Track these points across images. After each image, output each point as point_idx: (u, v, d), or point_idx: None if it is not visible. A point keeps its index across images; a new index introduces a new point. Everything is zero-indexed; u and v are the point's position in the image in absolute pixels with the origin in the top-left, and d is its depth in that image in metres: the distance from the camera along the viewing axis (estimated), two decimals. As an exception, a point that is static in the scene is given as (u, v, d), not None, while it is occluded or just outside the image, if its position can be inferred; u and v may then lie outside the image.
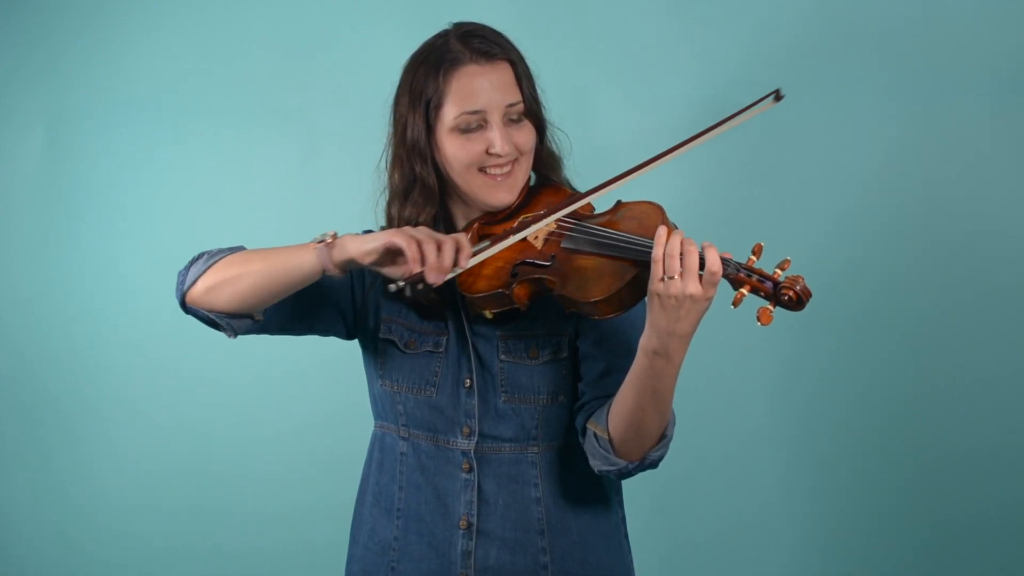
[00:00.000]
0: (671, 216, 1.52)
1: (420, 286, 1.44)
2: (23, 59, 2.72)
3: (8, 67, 2.73)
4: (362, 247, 1.46)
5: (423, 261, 1.43)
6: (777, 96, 1.67)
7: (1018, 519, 2.31)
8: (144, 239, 2.70)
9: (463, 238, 1.47)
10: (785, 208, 2.37)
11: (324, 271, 1.50)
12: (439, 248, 1.44)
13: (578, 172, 1.73)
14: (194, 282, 1.56)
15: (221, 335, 1.62)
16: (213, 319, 1.57)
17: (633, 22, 2.44)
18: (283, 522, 2.68)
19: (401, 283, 1.44)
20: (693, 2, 2.41)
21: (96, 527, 2.76)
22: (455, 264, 1.45)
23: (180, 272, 1.60)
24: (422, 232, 1.46)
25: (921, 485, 2.35)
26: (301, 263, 1.50)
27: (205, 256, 1.59)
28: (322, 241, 1.50)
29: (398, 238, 1.44)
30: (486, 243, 1.53)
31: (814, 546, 2.43)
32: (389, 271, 1.48)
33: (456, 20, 1.66)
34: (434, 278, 1.43)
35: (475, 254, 1.49)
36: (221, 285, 1.54)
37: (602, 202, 1.64)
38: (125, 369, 2.72)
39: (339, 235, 1.50)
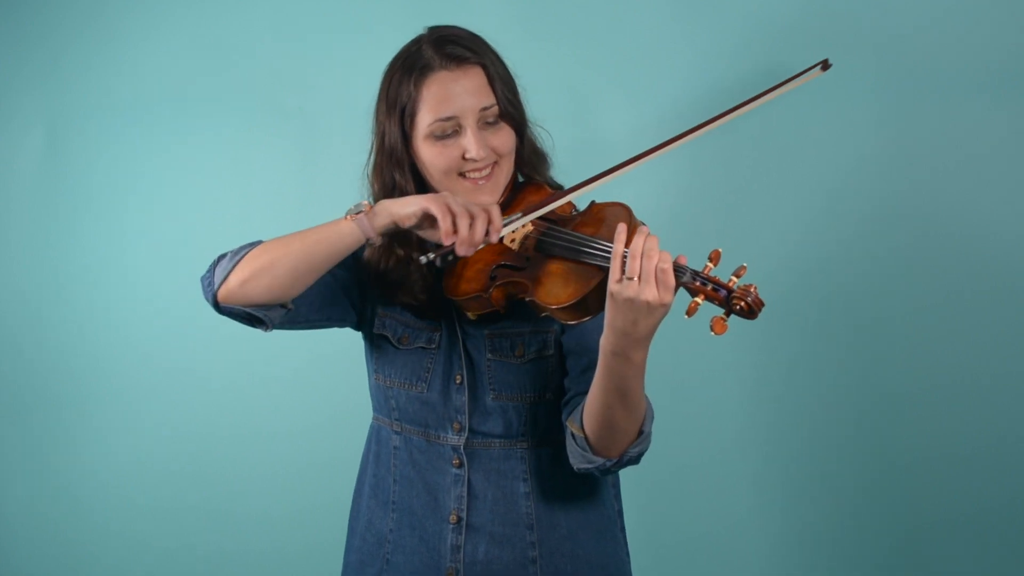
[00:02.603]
0: (641, 216, 1.52)
1: (451, 257, 1.49)
2: (23, 59, 2.72)
3: (8, 67, 2.73)
4: (402, 211, 1.48)
5: (455, 234, 1.46)
6: (825, 65, 1.69)
7: (991, 518, 2.32)
8: (144, 239, 2.70)
9: (495, 210, 1.50)
10: (769, 207, 2.37)
11: (367, 240, 1.51)
12: (472, 222, 1.46)
13: (579, 171, 1.73)
14: (224, 280, 1.55)
15: (218, 338, 1.63)
16: (251, 313, 1.57)
17: (632, 22, 2.44)
18: (283, 522, 2.68)
19: (431, 255, 1.49)
20: (691, 1, 2.41)
21: (95, 527, 2.76)
22: (486, 236, 1.48)
23: (203, 277, 1.59)
24: (457, 203, 1.47)
25: (895, 484, 2.36)
26: (342, 235, 1.51)
27: (229, 255, 1.59)
28: (359, 212, 1.51)
29: (434, 207, 1.46)
30: (517, 215, 1.55)
31: (792, 544, 2.44)
32: (426, 234, 1.51)
33: (455, 21, 1.66)
34: (464, 251, 1.47)
35: (506, 225, 1.52)
36: (258, 275, 1.53)
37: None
38: (125, 368, 2.72)
39: (372, 204, 1.52)
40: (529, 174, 1.69)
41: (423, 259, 1.49)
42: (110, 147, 2.71)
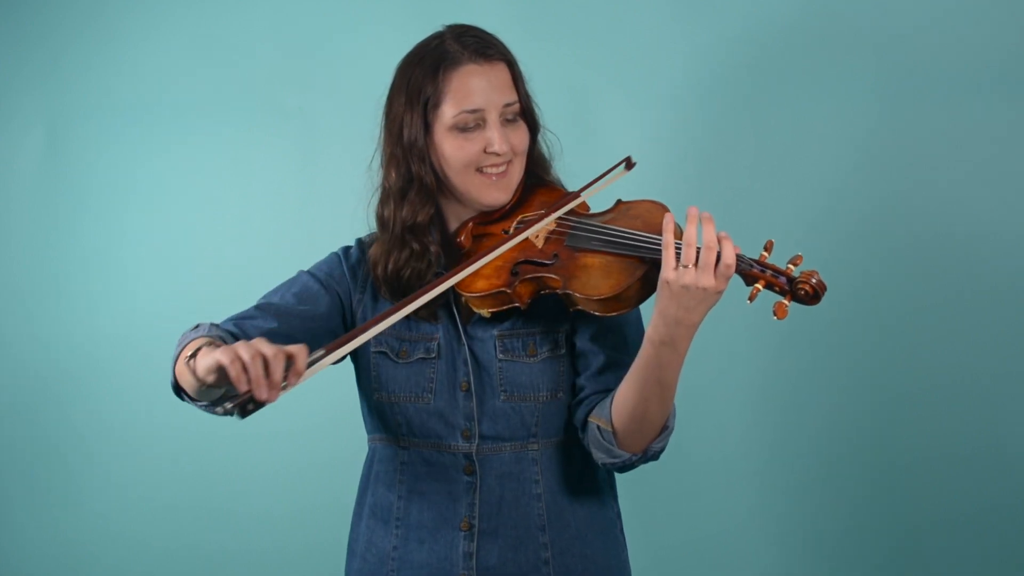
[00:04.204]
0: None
1: (250, 406, 1.31)
2: (23, 59, 2.72)
3: (8, 67, 2.73)
4: (203, 365, 1.37)
5: (248, 381, 1.30)
6: (628, 164, 1.68)
7: (992, 519, 2.33)
8: (144, 239, 2.70)
9: (299, 351, 1.35)
10: (772, 206, 2.38)
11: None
12: (266, 364, 1.31)
13: (576, 172, 1.73)
14: (173, 370, 1.52)
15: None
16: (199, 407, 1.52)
17: (632, 22, 2.44)
18: (284, 521, 2.68)
19: (228, 405, 1.32)
20: (691, 1, 2.41)
21: (96, 527, 2.76)
22: (286, 380, 1.33)
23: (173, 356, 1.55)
24: (248, 349, 1.32)
25: (898, 484, 2.38)
26: (184, 372, 1.44)
27: (177, 343, 1.54)
28: (189, 357, 1.42)
29: (223, 357, 1.32)
30: (320, 351, 1.41)
31: (796, 546, 2.45)
32: (230, 388, 1.37)
33: (455, 20, 1.66)
34: (265, 395, 1.31)
35: (312, 364, 1.38)
36: (180, 377, 1.49)
37: (598, 203, 1.65)
38: (125, 369, 2.72)
39: (203, 346, 1.42)
40: (540, 175, 1.69)
41: (219, 410, 1.35)
42: (110, 147, 2.71)
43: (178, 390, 1.53)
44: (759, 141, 2.39)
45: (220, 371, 1.33)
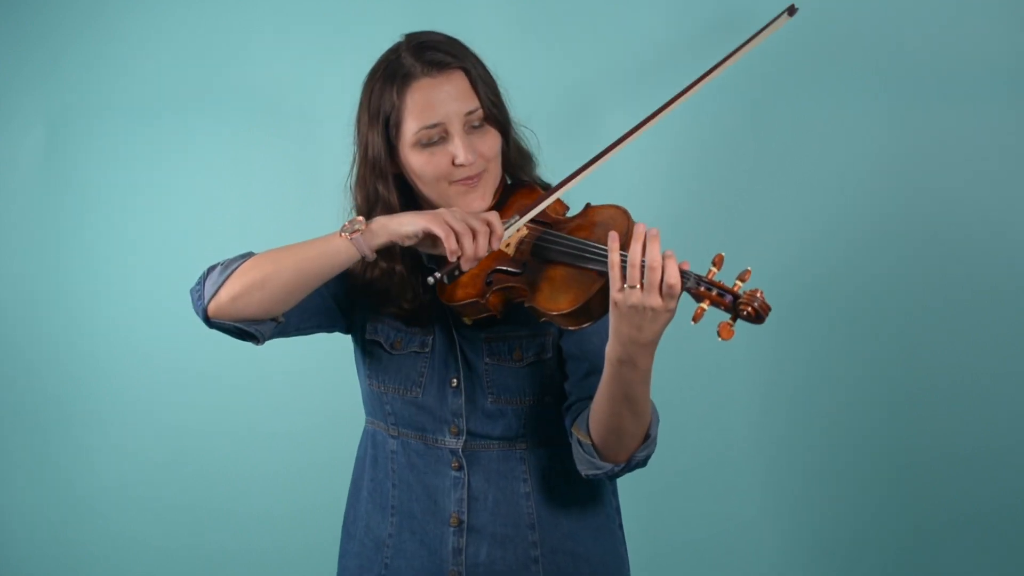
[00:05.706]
0: (642, 218, 1.51)
1: (457, 272, 1.49)
2: (23, 59, 2.72)
3: (8, 67, 2.73)
4: (400, 230, 1.48)
5: (461, 252, 1.47)
6: (791, 11, 1.67)
7: (1004, 519, 2.33)
8: (144, 239, 2.70)
9: (494, 217, 1.50)
10: (773, 209, 2.38)
11: (363, 257, 1.51)
12: (474, 236, 1.47)
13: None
14: (215, 294, 1.54)
15: (219, 338, 1.61)
16: (242, 328, 1.56)
17: (632, 22, 2.44)
18: (283, 521, 2.68)
19: (438, 275, 1.49)
20: (691, 2, 2.41)
21: (96, 527, 2.76)
22: (489, 246, 1.49)
23: (193, 289, 1.58)
24: (458, 220, 1.47)
25: (906, 487, 2.37)
26: (337, 252, 1.50)
27: (219, 267, 1.57)
28: (355, 230, 1.49)
29: (435, 227, 1.46)
30: (515, 217, 1.55)
31: (800, 546, 2.45)
32: (428, 250, 1.52)
33: (456, 21, 1.66)
34: (470, 266, 1.48)
35: (507, 228, 1.53)
36: (249, 291, 1.52)
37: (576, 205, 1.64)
38: (125, 369, 2.72)
39: (366, 221, 1.50)
40: (517, 175, 1.68)
41: (430, 280, 1.49)
42: (110, 147, 2.70)
43: (209, 319, 1.55)
44: (759, 142, 2.39)
45: (427, 237, 1.48)
